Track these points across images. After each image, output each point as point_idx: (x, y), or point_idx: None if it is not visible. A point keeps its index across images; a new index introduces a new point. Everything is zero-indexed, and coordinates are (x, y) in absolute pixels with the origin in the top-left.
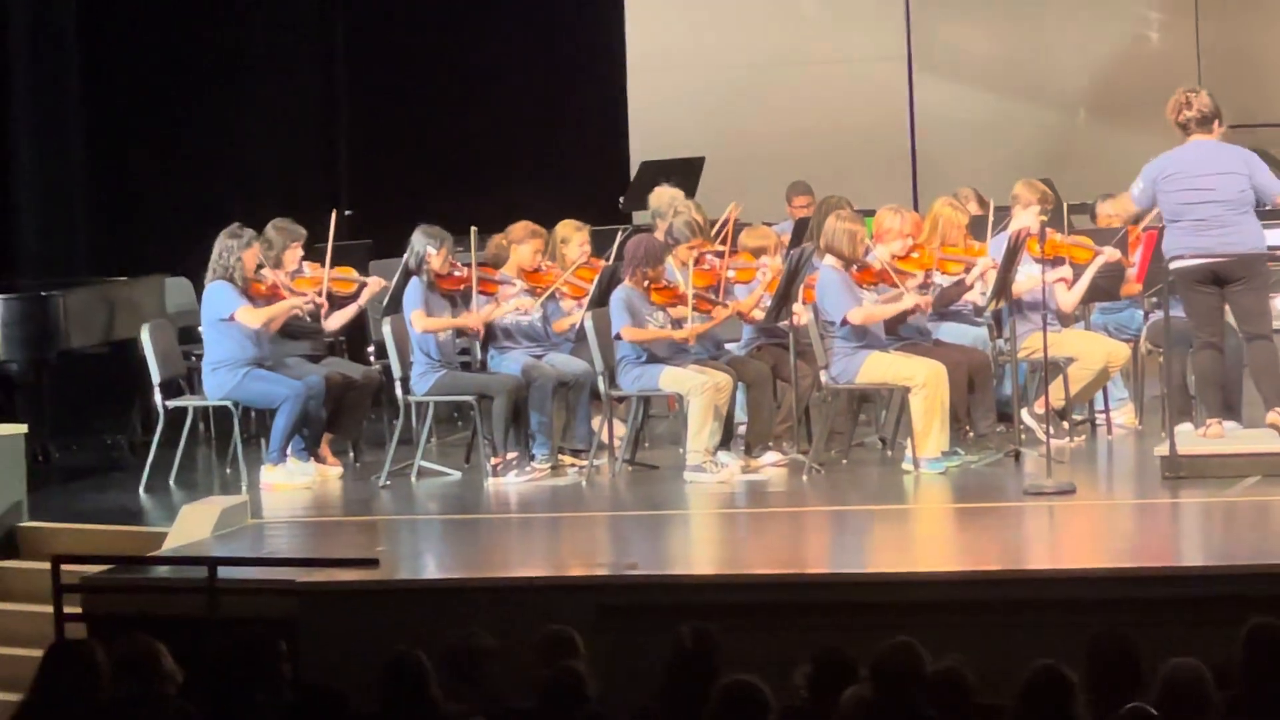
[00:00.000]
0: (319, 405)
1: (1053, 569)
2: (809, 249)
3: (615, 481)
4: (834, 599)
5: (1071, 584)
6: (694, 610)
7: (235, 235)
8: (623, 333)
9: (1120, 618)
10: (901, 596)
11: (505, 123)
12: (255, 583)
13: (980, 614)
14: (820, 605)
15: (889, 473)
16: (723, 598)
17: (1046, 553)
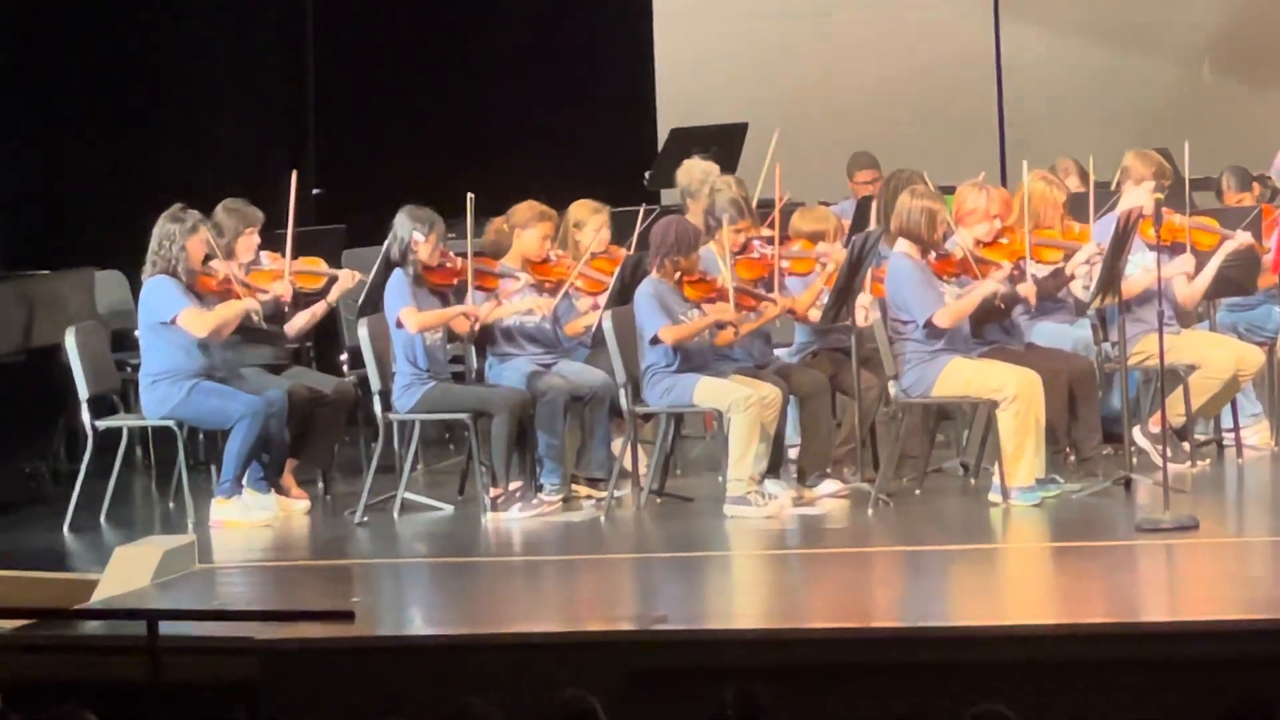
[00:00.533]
0: (281, 425)
1: (1172, 621)
2: (876, 233)
3: (640, 517)
4: (906, 659)
5: (1195, 640)
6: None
7: (178, 219)
8: (661, 334)
9: (1256, 680)
10: (989, 655)
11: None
12: (206, 640)
13: (1084, 676)
14: (890, 667)
15: (972, 505)
16: (771, 658)
17: (1164, 602)
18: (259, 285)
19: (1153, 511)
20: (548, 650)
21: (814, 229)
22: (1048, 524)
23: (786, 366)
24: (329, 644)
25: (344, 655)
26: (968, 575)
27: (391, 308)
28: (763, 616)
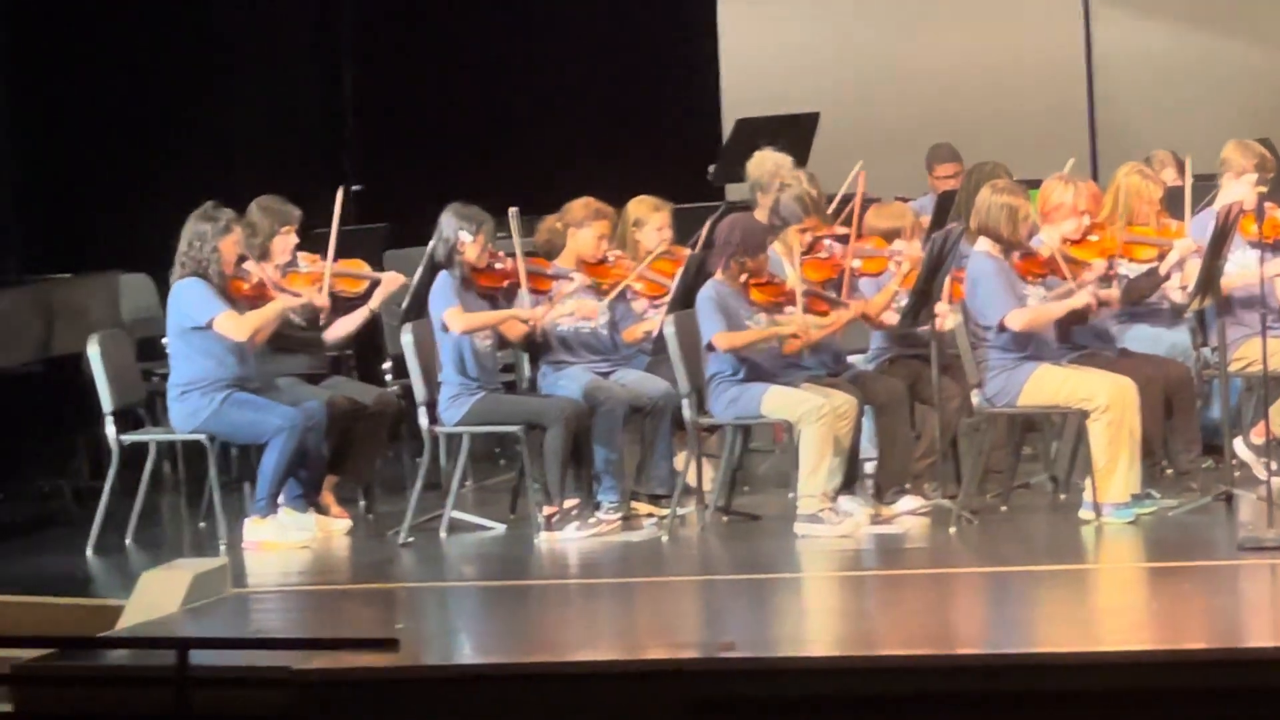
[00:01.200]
0: (319, 439)
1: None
2: (956, 231)
3: (705, 536)
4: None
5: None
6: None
7: (210, 218)
8: (715, 340)
9: None
10: (1080, 684)
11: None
12: (239, 670)
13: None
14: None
15: (1063, 522)
16: (845, 688)
17: (1269, 626)
18: (296, 289)
19: (1256, 529)
20: (606, 680)
21: (889, 226)
22: (1143, 543)
23: (862, 374)
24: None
25: (387, 686)
26: (1057, 598)
27: (436, 310)
28: (836, 643)
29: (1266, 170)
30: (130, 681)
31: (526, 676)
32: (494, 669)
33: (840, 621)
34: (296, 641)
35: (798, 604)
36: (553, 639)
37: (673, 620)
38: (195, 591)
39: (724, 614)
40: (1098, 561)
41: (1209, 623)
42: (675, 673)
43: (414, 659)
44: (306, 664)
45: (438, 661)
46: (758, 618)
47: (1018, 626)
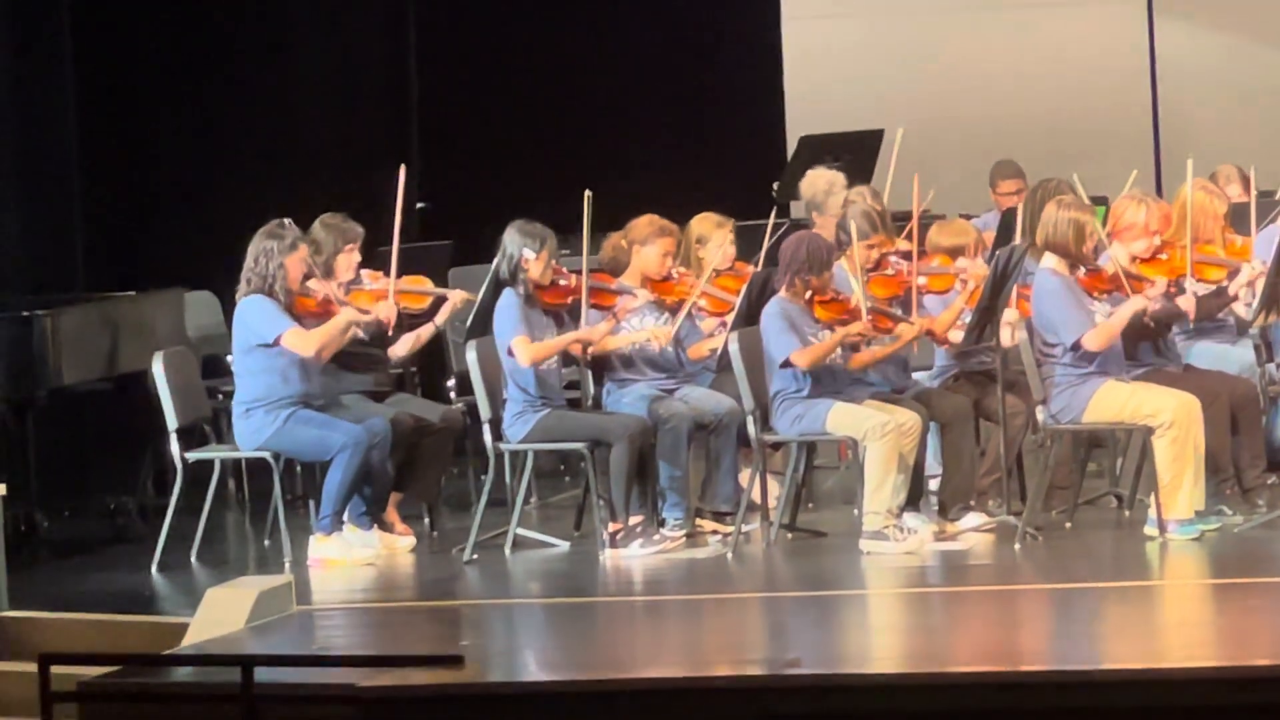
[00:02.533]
0: (384, 456)
1: None
2: (1021, 248)
3: (770, 553)
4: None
5: None
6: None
7: (276, 235)
8: (794, 359)
9: None
10: (1146, 701)
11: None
12: (304, 688)
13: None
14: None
15: (1127, 539)
16: (912, 704)
17: None
18: (360, 306)
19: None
20: (672, 697)
21: (953, 243)
22: (1208, 559)
23: (926, 391)
24: (436, 691)
25: (452, 703)
26: (1123, 615)
27: (502, 334)
28: (902, 660)
29: None
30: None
31: (592, 694)
32: (559, 686)
33: (905, 638)
34: (361, 659)
35: (863, 620)
36: (618, 656)
37: (738, 637)
38: (260, 609)
39: (789, 631)
40: (1163, 578)
41: (1275, 639)
42: (741, 690)
43: (479, 676)
44: (371, 681)
45: (502, 679)
46: (823, 634)
47: (1083, 643)
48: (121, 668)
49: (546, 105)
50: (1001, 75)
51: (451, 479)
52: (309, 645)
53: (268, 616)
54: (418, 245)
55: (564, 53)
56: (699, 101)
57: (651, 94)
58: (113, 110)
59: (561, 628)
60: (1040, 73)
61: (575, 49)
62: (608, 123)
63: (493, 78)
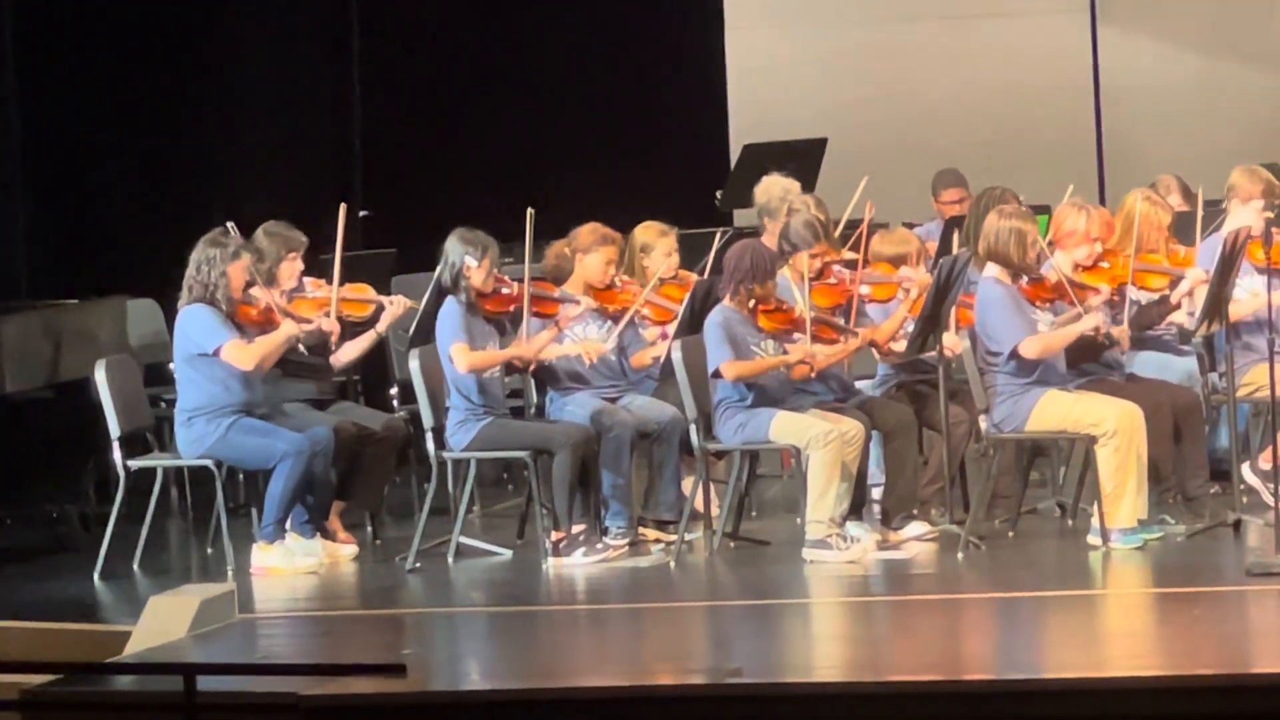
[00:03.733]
0: (326, 465)
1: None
2: (964, 256)
3: (713, 562)
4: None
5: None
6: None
7: (218, 244)
8: (723, 369)
9: None
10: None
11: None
12: (246, 696)
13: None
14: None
15: (1070, 548)
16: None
17: (1277, 651)
18: (302, 315)
19: (1264, 554)
20: (613, 706)
21: (895, 252)
22: (1151, 568)
23: (869, 400)
24: (378, 700)
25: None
26: (1066, 624)
27: (443, 341)
28: (845, 669)
29: (1274, 196)
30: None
31: (534, 703)
32: (501, 695)
33: (848, 647)
34: (303, 667)
35: (805, 629)
36: (560, 665)
37: (681, 646)
38: (202, 617)
39: (731, 639)
40: (1105, 587)
41: (1217, 648)
42: (684, 699)
43: (421, 685)
44: (313, 689)
45: (445, 687)
46: (765, 643)
47: (1025, 652)
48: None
49: (490, 113)
50: (945, 85)
51: (394, 487)
52: (251, 654)
53: (210, 625)
54: (360, 253)
55: (508, 61)
56: (643, 110)
57: (595, 102)
58: (56, 119)
59: (504, 636)
60: (984, 82)
61: (520, 58)
62: (552, 131)
63: (436, 84)
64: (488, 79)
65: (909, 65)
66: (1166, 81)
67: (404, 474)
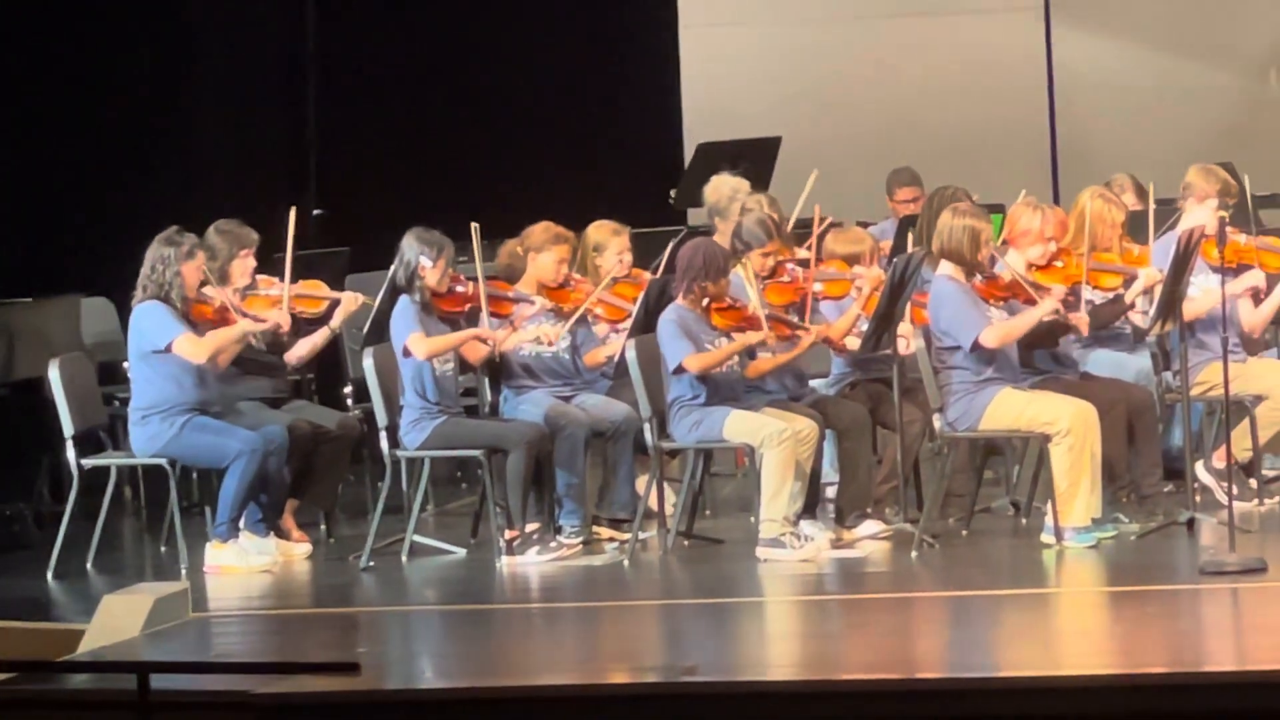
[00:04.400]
0: (280, 463)
1: (1239, 671)
2: (918, 255)
3: (667, 560)
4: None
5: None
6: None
7: (172, 243)
8: (685, 363)
9: None
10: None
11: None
12: (200, 695)
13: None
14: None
15: (1024, 546)
16: (808, 711)
17: (1230, 650)
18: (255, 312)
19: (1218, 553)
20: (568, 704)
21: (848, 251)
22: (1104, 567)
23: (823, 399)
24: (332, 698)
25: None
26: (1019, 622)
27: (398, 335)
28: (798, 667)
29: (1228, 195)
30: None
31: (488, 701)
32: (455, 693)
33: (802, 645)
34: (257, 665)
35: (759, 628)
36: (514, 663)
37: (634, 644)
38: (156, 616)
39: (685, 638)
40: (1059, 586)
41: (1170, 647)
42: (637, 697)
43: (375, 683)
44: (267, 688)
45: (399, 686)
46: (719, 642)
47: (979, 650)
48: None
49: (444, 111)
50: (899, 84)
51: (348, 486)
52: (205, 652)
53: (164, 623)
54: (314, 251)
55: (462, 60)
56: (597, 109)
57: (549, 101)
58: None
59: (458, 635)
60: (938, 81)
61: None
62: (506, 130)
63: (391, 83)
64: (442, 77)
65: (863, 64)
66: (1120, 80)
67: (358, 472)
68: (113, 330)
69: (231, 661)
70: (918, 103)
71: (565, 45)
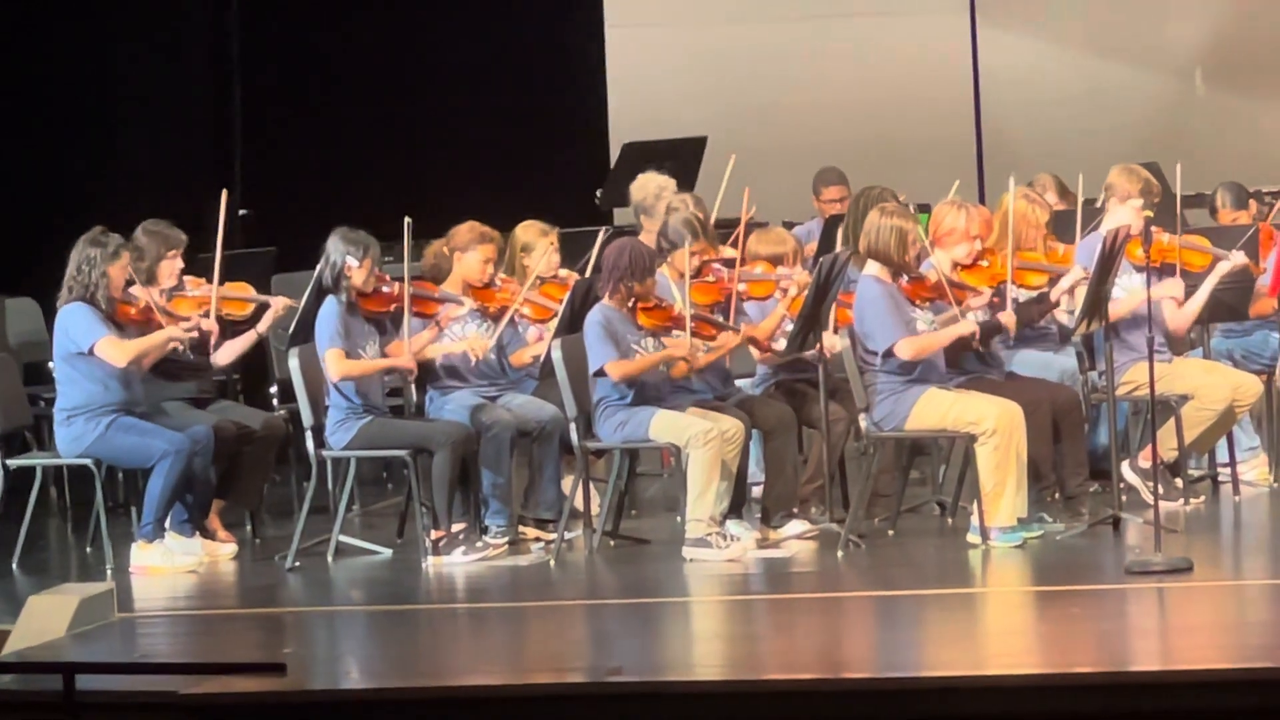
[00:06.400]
0: (206, 463)
1: (1164, 670)
2: (844, 255)
3: (593, 560)
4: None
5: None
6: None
7: (98, 243)
8: (608, 369)
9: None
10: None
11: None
12: (126, 695)
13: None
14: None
15: (950, 546)
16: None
17: (1156, 650)
18: (182, 313)
19: (1143, 553)
20: (494, 705)
21: (771, 251)
22: (1030, 567)
23: (749, 399)
24: (259, 698)
25: (275, 710)
26: (945, 622)
27: (321, 343)
28: (724, 668)
29: (1152, 195)
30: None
31: (414, 701)
32: (381, 694)
33: (728, 646)
34: (183, 666)
35: (685, 628)
36: (440, 664)
37: (560, 644)
38: (82, 616)
39: (611, 638)
40: (985, 585)
41: (1096, 646)
42: (562, 698)
43: (301, 684)
44: (193, 688)
45: (325, 686)
46: (645, 642)
47: (905, 650)
48: None
49: (371, 111)
50: (825, 84)
51: (274, 486)
52: (131, 653)
53: (89, 624)
54: (241, 252)
55: (388, 60)
56: (523, 109)
57: (476, 102)
58: None
59: (384, 635)
60: (864, 82)
61: (400, 57)
62: (432, 130)
63: (316, 83)
64: (367, 76)
65: (789, 64)
66: (1045, 81)
67: (283, 473)
68: (38, 331)
69: (157, 662)
70: (843, 103)
71: (492, 45)
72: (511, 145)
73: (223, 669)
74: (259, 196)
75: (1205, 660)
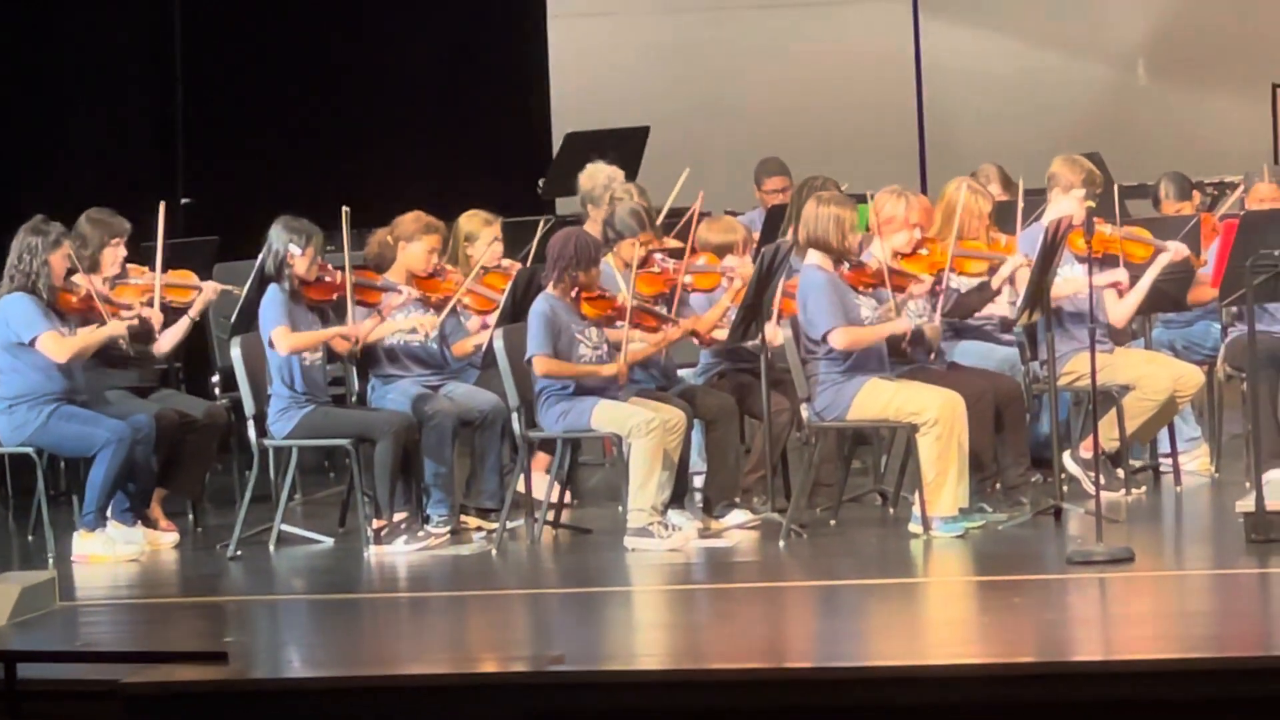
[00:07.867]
0: (148, 452)
1: (1105, 660)
2: (785, 245)
3: (535, 550)
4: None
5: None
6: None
7: (39, 232)
8: (536, 363)
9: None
10: (909, 698)
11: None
12: (67, 684)
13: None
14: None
15: (892, 536)
16: (676, 701)
17: (1097, 640)
18: (124, 301)
19: (1085, 543)
20: (436, 694)
21: (721, 241)
22: (972, 557)
23: (691, 388)
24: (200, 687)
25: (216, 699)
26: (886, 612)
27: (265, 325)
28: (666, 657)
29: (1094, 185)
30: None
31: (356, 690)
32: (323, 683)
33: (670, 635)
34: (125, 655)
35: (627, 617)
36: (382, 652)
37: (502, 634)
38: (23, 605)
39: (553, 627)
40: (927, 575)
41: (1038, 636)
42: (505, 686)
43: (243, 672)
44: (135, 677)
45: (267, 675)
46: (587, 631)
47: (847, 640)
48: None
49: (313, 100)
50: (768, 74)
51: (215, 475)
52: (72, 641)
53: (30, 613)
54: (183, 240)
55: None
56: (465, 99)
57: (419, 91)
58: None
59: (326, 624)
60: (806, 71)
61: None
62: (374, 119)
63: (258, 71)
64: (310, 65)
65: (732, 54)
66: (988, 71)
67: (225, 461)
68: None
69: (99, 651)
70: (786, 93)
71: (435, 33)
72: (454, 134)
73: (164, 658)
74: (202, 185)
75: (1147, 650)
